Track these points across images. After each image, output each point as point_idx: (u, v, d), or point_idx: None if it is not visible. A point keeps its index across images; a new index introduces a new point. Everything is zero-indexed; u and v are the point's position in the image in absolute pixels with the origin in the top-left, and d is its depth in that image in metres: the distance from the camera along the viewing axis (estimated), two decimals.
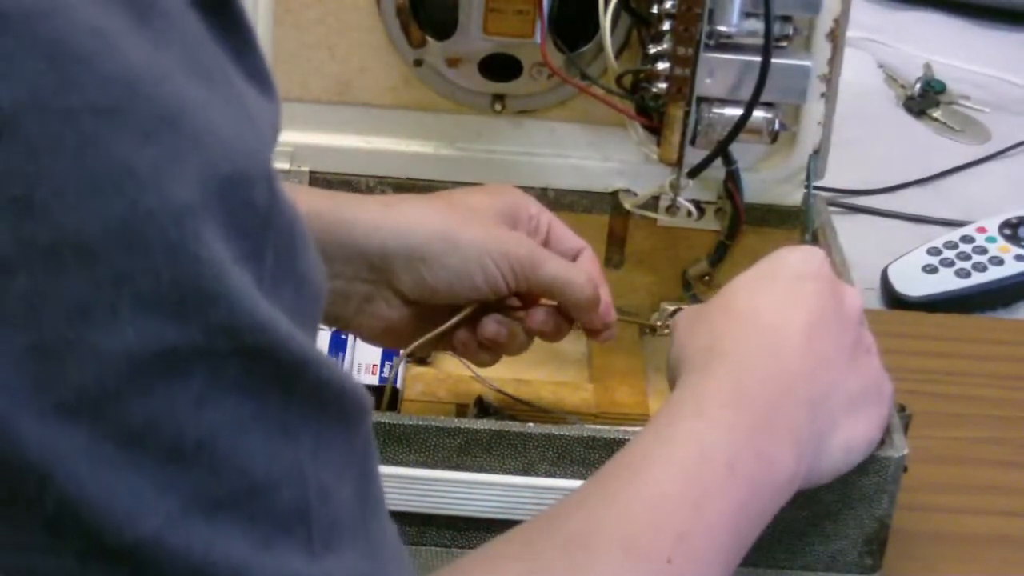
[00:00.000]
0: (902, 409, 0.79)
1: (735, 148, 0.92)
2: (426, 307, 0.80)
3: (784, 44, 0.89)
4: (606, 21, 0.90)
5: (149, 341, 0.39)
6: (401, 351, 0.83)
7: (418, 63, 0.95)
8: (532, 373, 0.92)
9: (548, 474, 0.77)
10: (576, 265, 0.82)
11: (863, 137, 1.27)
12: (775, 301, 0.73)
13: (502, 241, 0.79)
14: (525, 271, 0.79)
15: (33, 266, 0.38)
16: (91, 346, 0.38)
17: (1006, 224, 1.15)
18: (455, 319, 0.81)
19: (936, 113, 1.37)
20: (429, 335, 0.81)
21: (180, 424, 0.40)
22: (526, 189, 0.88)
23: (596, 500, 0.63)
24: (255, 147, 0.42)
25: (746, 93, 0.87)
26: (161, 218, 0.39)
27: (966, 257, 1.13)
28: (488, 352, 0.83)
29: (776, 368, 0.70)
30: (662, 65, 0.88)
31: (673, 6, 0.87)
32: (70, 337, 0.38)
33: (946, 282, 1.11)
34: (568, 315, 0.82)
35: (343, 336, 0.92)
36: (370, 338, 0.83)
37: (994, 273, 1.12)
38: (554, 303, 0.81)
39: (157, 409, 0.40)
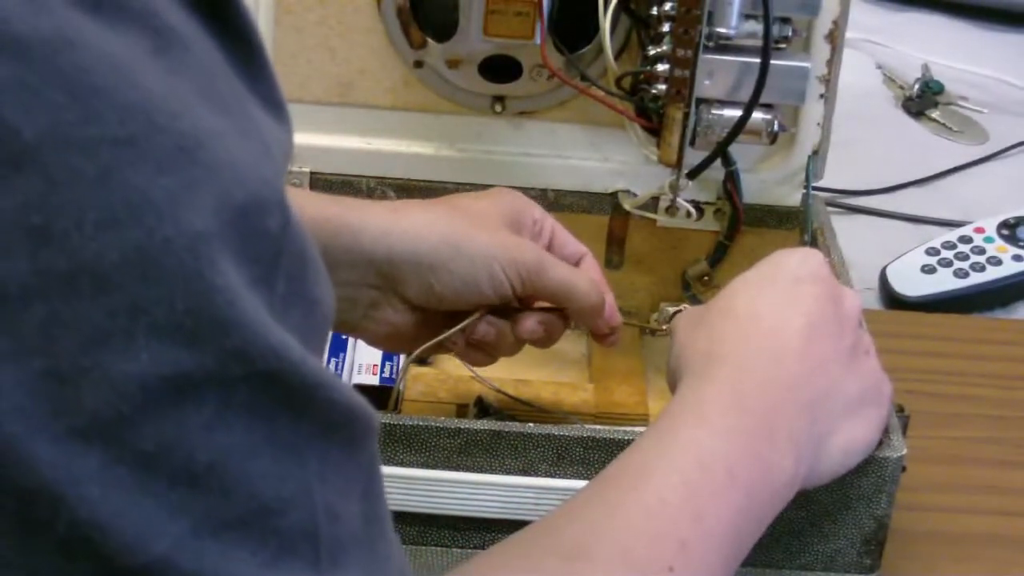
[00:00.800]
0: (900, 409, 0.79)
1: (734, 149, 0.92)
2: (431, 312, 0.80)
3: (783, 46, 0.89)
4: (606, 23, 0.90)
5: (163, 367, 0.39)
6: (403, 357, 0.83)
7: (418, 64, 0.95)
8: (532, 373, 0.92)
9: (548, 474, 0.77)
10: (580, 271, 0.82)
11: (862, 138, 1.27)
12: (774, 304, 0.73)
13: (509, 247, 0.79)
14: (532, 277, 0.79)
15: (50, 294, 0.38)
16: (106, 372, 0.39)
17: (1004, 224, 1.15)
18: (462, 324, 0.80)
19: (934, 114, 1.37)
20: (434, 340, 0.81)
21: (191, 447, 0.40)
22: (526, 190, 0.88)
23: (596, 508, 0.63)
24: (269, 175, 0.42)
25: (745, 94, 0.87)
26: (177, 246, 0.39)
27: (964, 257, 1.13)
28: (479, 351, 0.83)
29: (775, 372, 0.70)
30: (661, 67, 0.88)
31: (672, 8, 0.87)
32: (85, 363, 0.38)
33: (944, 282, 1.11)
34: (567, 319, 0.82)
35: (343, 336, 0.92)
36: (374, 342, 0.83)
37: (992, 273, 1.12)
38: (551, 307, 0.81)
39: (169, 433, 0.40)
